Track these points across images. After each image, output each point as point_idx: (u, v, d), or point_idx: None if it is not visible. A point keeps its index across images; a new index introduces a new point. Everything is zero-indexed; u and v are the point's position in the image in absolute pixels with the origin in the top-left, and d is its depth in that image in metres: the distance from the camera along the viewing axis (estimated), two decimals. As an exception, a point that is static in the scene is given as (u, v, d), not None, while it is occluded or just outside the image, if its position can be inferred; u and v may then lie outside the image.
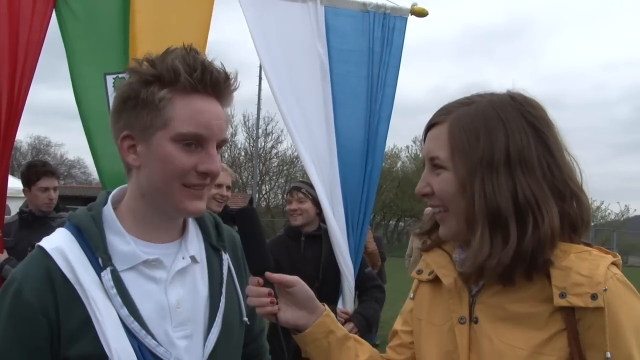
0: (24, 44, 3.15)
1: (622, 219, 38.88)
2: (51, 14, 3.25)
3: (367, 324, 3.58)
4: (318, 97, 3.65)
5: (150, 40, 3.21)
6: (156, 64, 1.21)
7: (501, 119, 1.20)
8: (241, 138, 43.68)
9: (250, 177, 34.82)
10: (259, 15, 3.50)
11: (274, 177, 35.74)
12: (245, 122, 35.18)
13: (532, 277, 1.17)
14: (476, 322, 1.23)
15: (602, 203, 38.26)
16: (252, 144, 34.54)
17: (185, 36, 3.37)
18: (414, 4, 3.85)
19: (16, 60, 3.13)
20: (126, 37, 3.27)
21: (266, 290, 1.27)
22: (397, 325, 1.50)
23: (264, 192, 35.75)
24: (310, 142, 3.62)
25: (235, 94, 1.31)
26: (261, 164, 34.49)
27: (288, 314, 1.33)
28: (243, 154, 36.25)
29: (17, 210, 4.50)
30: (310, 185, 3.68)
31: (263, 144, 34.68)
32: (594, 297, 1.09)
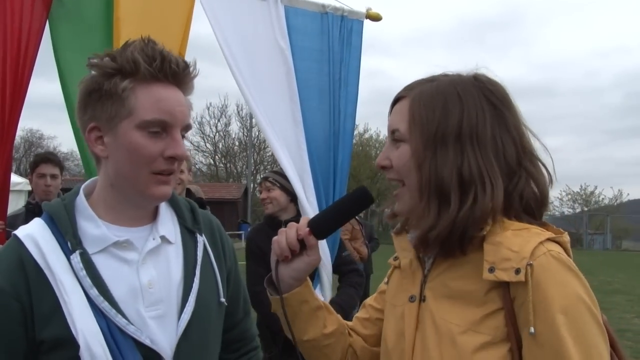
0: (25, 32, 3.13)
1: (615, 203, 39.12)
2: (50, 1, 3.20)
3: (344, 312, 3.62)
4: (283, 92, 3.72)
5: (134, 24, 3.17)
6: (116, 57, 1.26)
7: (459, 96, 1.23)
8: (235, 128, 43.61)
9: (244, 166, 34.79)
10: (219, 11, 3.55)
11: (269, 167, 35.72)
12: (239, 112, 35.14)
13: (466, 252, 1.18)
14: (424, 300, 1.25)
15: (595, 188, 38.52)
16: (246, 134, 34.49)
17: (169, 21, 3.30)
18: (369, 9, 4.08)
19: (19, 47, 3.11)
20: (110, 21, 3.23)
21: (297, 244, 1.29)
22: (369, 300, 1.54)
23: (258, 181, 35.74)
24: (278, 135, 3.68)
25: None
26: (255, 154, 34.46)
27: (284, 271, 1.34)
28: (237, 143, 36.24)
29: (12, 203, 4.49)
30: (281, 175, 3.72)
31: (257, 133, 34.61)
32: (517, 271, 1.09)
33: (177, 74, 1.29)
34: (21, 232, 1.28)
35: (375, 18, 4.10)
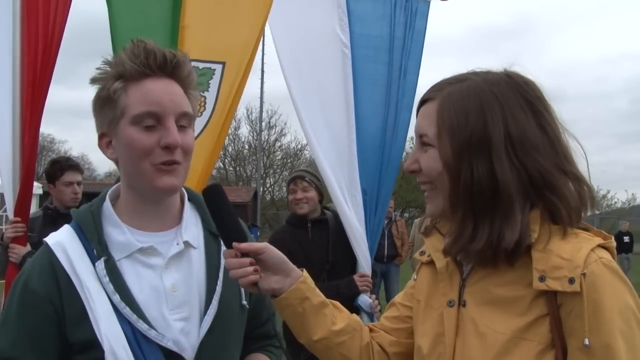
0: (49, 31, 3.11)
1: (628, 207, 38.69)
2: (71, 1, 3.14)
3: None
4: (338, 81, 3.57)
5: (201, 32, 3.04)
6: (110, 64, 1.30)
7: (497, 99, 1.15)
8: (245, 131, 43.69)
9: (254, 170, 34.81)
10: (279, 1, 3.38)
11: (278, 170, 35.76)
12: (248, 116, 35.19)
13: (514, 263, 1.14)
14: (464, 305, 1.21)
15: (607, 192, 38.13)
16: (255, 137, 34.53)
17: (239, 30, 3.12)
18: None
19: (44, 50, 3.11)
20: (175, 24, 3.07)
21: (248, 259, 1.28)
22: (397, 298, 1.49)
23: (268, 185, 35.77)
24: (326, 128, 3.53)
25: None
26: (265, 157, 34.47)
27: (264, 281, 1.32)
28: (247, 147, 36.28)
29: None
30: (312, 174, 3.70)
31: (267, 137, 34.68)
32: (571, 281, 1.05)
33: (164, 66, 1.30)
34: (51, 239, 1.33)
35: None
